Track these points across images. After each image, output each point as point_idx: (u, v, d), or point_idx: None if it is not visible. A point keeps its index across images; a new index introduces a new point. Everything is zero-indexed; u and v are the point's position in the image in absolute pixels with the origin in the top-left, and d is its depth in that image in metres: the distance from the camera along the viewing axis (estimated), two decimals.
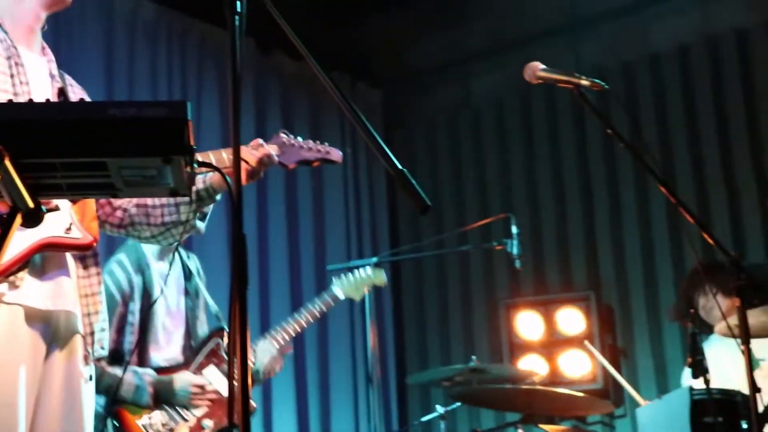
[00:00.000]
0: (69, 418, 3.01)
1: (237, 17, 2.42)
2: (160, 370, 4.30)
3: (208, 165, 2.38)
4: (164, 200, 3.38)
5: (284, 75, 7.96)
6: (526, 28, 8.26)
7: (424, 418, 6.58)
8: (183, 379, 4.28)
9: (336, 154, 3.94)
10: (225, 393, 4.33)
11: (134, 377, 4.18)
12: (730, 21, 7.63)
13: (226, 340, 4.48)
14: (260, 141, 3.54)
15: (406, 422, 7.83)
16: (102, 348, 3.16)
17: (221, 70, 7.22)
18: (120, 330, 4.26)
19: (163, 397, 4.25)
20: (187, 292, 4.54)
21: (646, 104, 7.85)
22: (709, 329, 5.98)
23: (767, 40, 7.48)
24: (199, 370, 4.36)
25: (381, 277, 5.25)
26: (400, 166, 2.34)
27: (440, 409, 6.08)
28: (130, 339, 4.30)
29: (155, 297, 4.37)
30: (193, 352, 4.43)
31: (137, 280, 4.40)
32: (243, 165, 3.47)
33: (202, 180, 3.44)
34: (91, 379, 3.13)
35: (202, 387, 4.29)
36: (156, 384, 4.23)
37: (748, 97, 7.50)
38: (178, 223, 3.36)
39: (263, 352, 4.66)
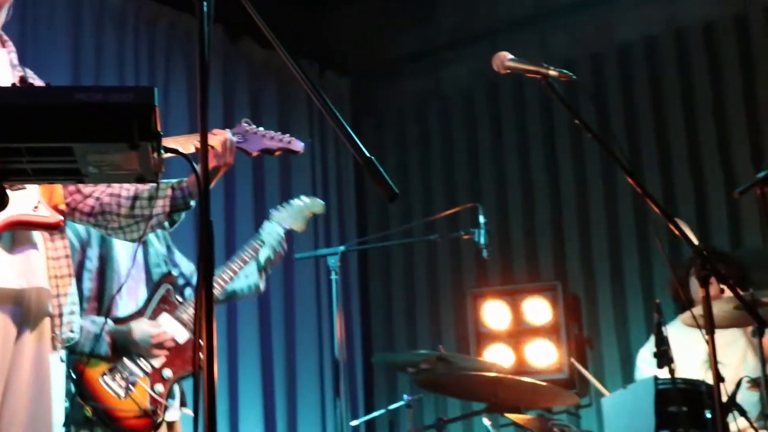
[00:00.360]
0: (38, 401, 3.01)
1: (205, 4, 2.41)
2: (116, 320, 4.27)
3: (175, 151, 2.37)
4: (137, 193, 3.38)
5: (253, 62, 7.94)
6: (495, 19, 8.28)
7: (391, 407, 6.59)
8: (141, 328, 4.24)
9: (297, 145, 3.96)
10: (181, 340, 4.31)
11: (92, 326, 4.14)
12: (697, 13, 7.66)
13: (176, 284, 4.47)
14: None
15: (372, 410, 7.82)
16: (71, 331, 3.15)
17: (190, 58, 7.20)
18: (78, 277, 4.22)
19: (122, 347, 4.22)
20: (145, 246, 4.51)
21: (614, 95, 7.88)
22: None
23: (734, 33, 7.52)
24: (153, 318, 4.33)
25: (318, 204, 5.22)
26: (367, 154, 2.34)
27: (406, 398, 6.09)
28: (89, 285, 4.26)
29: (114, 247, 4.34)
30: (146, 301, 4.39)
31: None
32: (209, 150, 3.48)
33: (177, 184, 3.44)
34: (62, 361, 3.13)
35: (161, 334, 4.26)
36: (114, 333, 4.19)
37: (715, 89, 7.54)
38: (148, 217, 3.36)
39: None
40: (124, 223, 3.38)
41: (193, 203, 3.45)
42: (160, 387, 4.22)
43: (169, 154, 3.20)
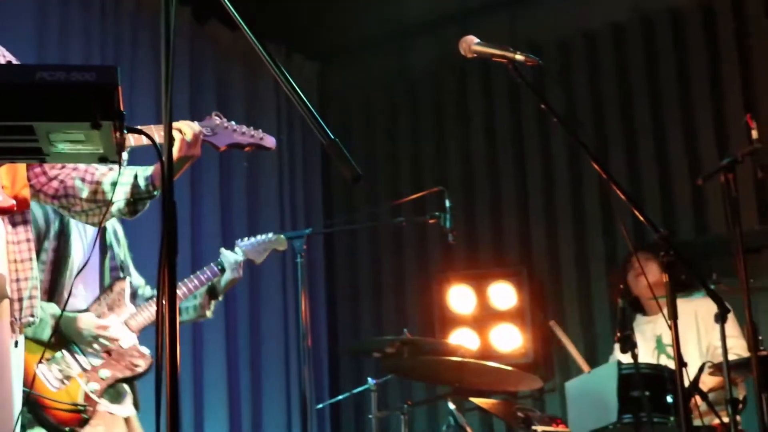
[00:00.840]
0: None
1: None
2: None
3: (139, 131, 2.35)
4: (101, 178, 3.36)
5: (220, 45, 7.89)
6: (463, 3, 8.26)
7: (356, 390, 6.60)
8: (88, 320, 4.22)
9: (269, 141, 3.95)
10: (125, 345, 4.29)
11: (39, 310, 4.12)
12: (664, 0, 7.68)
13: (127, 289, 4.44)
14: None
15: (337, 394, 7.83)
16: (32, 316, 3.13)
17: (156, 39, 7.14)
18: None
19: (65, 335, 4.19)
20: (102, 247, 4.49)
21: (581, 81, 7.90)
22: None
23: (701, 20, 7.54)
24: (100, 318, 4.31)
25: (282, 242, 5.25)
26: (332, 136, 2.34)
27: (371, 381, 6.10)
28: (41, 277, 4.23)
29: (71, 243, 4.31)
30: (95, 300, 4.36)
31: (54, 219, 4.33)
32: (178, 135, 3.45)
33: (142, 173, 3.42)
34: (17, 345, 3.10)
35: (105, 329, 4.24)
36: (60, 319, 4.16)
37: (682, 76, 7.56)
38: (109, 203, 3.33)
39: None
40: (87, 207, 3.36)
41: (157, 193, 3.43)
42: (95, 385, 4.19)
43: (133, 135, 3.19)
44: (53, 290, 4.25)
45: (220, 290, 4.85)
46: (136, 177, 3.38)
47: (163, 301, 2.17)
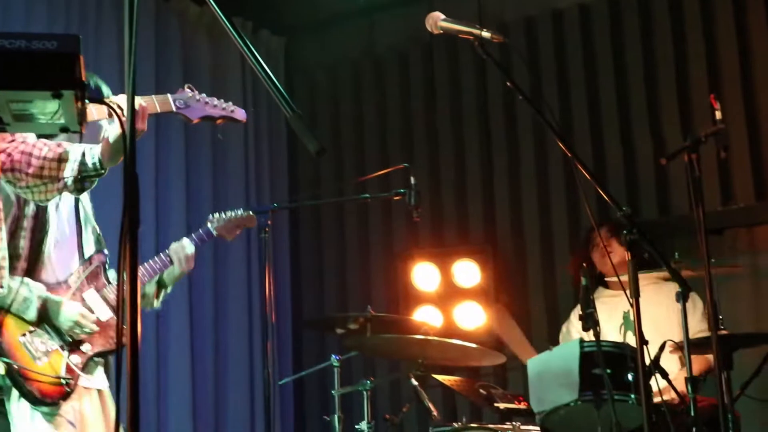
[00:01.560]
0: None
1: None
2: (48, 287, 4.22)
3: (100, 101, 2.34)
4: (48, 154, 3.33)
5: (186, 20, 7.85)
6: None
7: (319, 366, 6.61)
8: (71, 309, 4.20)
9: (240, 114, 3.96)
10: (103, 318, 4.28)
11: (25, 289, 4.10)
12: None
13: (106, 263, 4.42)
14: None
15: (300, 369, 7.83)
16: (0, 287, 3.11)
17: (122, 12, 7.08)
18: (13, 234, 4.16)
19: (48, 316, 4.18)
20: (77, 216, 4.46)
21: (547, 60, 7.91)
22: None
23: (667, 1, 7.57)
24: (79, 293, 4.29)
25: (252, 219, 5.25)
26: (296, 109, 2.34)
27: (335, 358, 6.11)
28: (23, 244, 4.19)
29: (48, 213, 4.28)
30: (75, 273, 4.34)
31: None
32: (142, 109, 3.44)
33: (90, 150, 3.39)
34: None
35: (85, 317, 4.22)
36: (45, 301, 4.15)
37: (647, 56, 7.59)
38: (55, 179, 3.31)
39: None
40: (32, 182, 3.34)
41: (104, 171, 3.40)
42: (77, 358, 4.17)
43: (96, 108, 3.17)
44: (32, 259, 4.22)
45: (169, 282, 4.85)
46: (83, 154, 3.36)
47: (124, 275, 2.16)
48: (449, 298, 7.77)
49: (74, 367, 4.13)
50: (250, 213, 5.23)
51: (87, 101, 2.14)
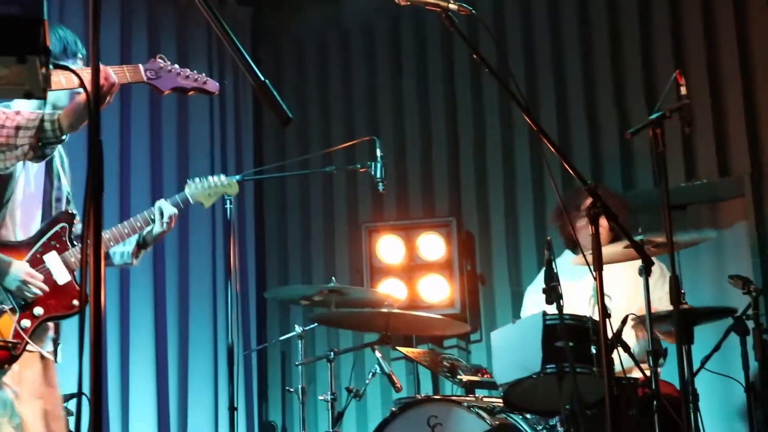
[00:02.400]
0: None
1: None
2: (4, 246, 4.16)
3: (65, 67, 2.32)
4: (6, 122, 3.30)
5: None
6: None
7: (283, 337, 6.62)
8: (18, 269, 4.14)
9: (212, 85, 3.94)
10: (61, 282, 4.22)
11: None
12: None
13: (72, 225, 4.36)
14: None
15: (264, 340, 7.84)
16: None
17: None
18: None
19: None
20: (49, 178, 4.41)
21: (514, 33, 7.91)
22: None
23: None
24: (40, 255, 4.24)
25: (234, 186, 5.17)
26: (262, 77, 2.33)
27: (298, 329, 6.12)
28: None
29: (16, 168, 4.23)
30: (38, 233, 4.29)
31: None
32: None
33: (49, 117, 3.36)
34: None
35: (33, 277, 4.17)
36: None
37: (613, 31, 7.61)
38: (13, 147, 3.28)
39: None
40: None
41: (65, 137, 3.37)
42: (27, 322, 4.13)
43: (64, 76, 3.14)
44: None
45: (150, 241, 4.80)
46: (42, 121, 3.33)
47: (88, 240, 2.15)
48: (414, 270, 7.80)
49: (21, 332, 4.08)
50: (232, 180, 5.15)
51: (51, 67, 2.13)
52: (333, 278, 6.14)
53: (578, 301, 5.91)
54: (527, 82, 7.74)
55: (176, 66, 3.82)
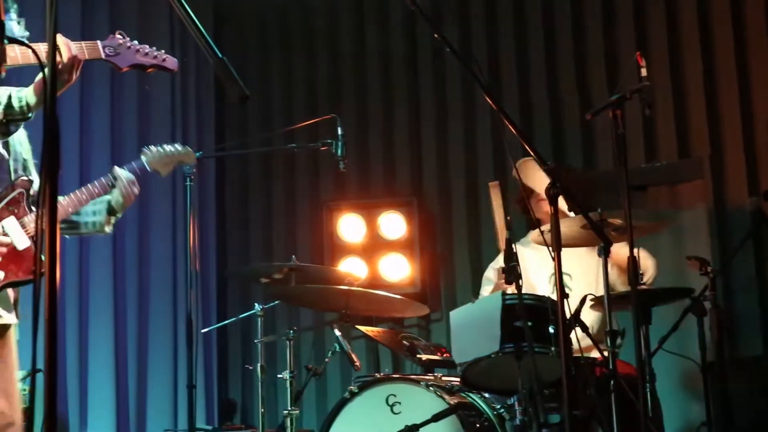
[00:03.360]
0: None
1: None
2: None
3: (20, 42, 2.30)
4: None
5: None
6: None
7: (243, 315, 6.61)
8: None
9: (172, 63, 3.92)
10: (20, 247, 4.19)
11: None
12: None
13: (30, 191, 4.31)
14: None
15: (224, 318, 7.82)
16: None
17: None
18: None
19: None
20: (5, 144, 4.37)
21: (476, 12, 7.91)
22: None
23: None
24: None
25: (191, 156, 5.14)
26: (219, 54, 2.32)
27: (258, 307, 6.11)
28: None
29: None
30: None
31: None
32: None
33: (17, 93, 3.33)
34: None
35: None
36: None
37: (576, 11, 7.63)
38: None
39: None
40: None
41: (31, 115, 3.35)
42: None
43: (22, 51, 3.11)
44: None
45: (118, 208, 4.78)
46: (9, 98, 3.31)
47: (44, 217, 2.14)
48: (375, 249, 7.81)
49: None
50: (188, 149, 5.13)
51: (6, 42, 2.11)
52: (293, 256, 6.14)
53: (541, 284, 5.94)
54: (490, 63, 7.75)
55: (135, 42, 3.80)
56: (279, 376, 5.84)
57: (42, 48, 3.22)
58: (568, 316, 4.35)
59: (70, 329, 6.92)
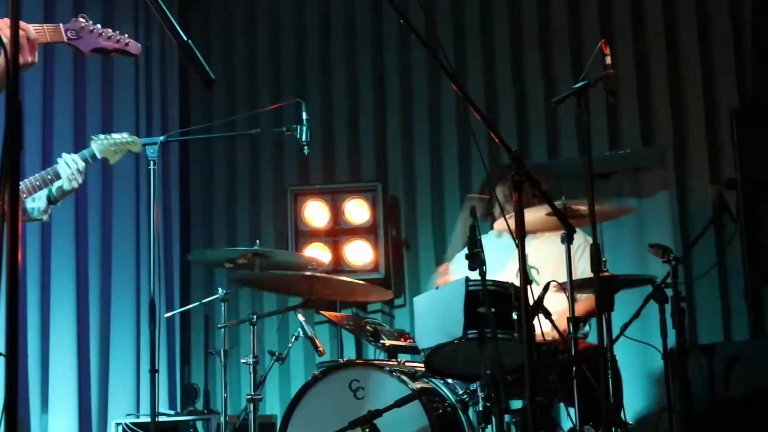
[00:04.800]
0: None
1: None
2: None
3: None
4: None
5: None
6: None
7: (206, 300, 6.59)
8: None
9: (134, 47, 3.90)
10: None
11: None
12: None
13: None
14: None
15: (188, 303, 7.80)
16: None
17: None
18: None
19: None
20: None
21: (443, 1, 7.91)
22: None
23: None
24: None
25: (138, 144, 5.18)
26: (184, 37, 2.32)
27: (221, 291, 6.10)
28: None
29: None
30: None
31: None
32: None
33: None
34: None
35: None
36: None
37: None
38: None
39: None
40: None
41: None
42: None
43: None
44: None
45: (59, 196, 4.77)
46: None
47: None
48: (339, 235, 7.81)
49: None
50: (136, 138, 5.16)
51: None
52: (257, 241, 6.13)
53: (508, 274, 5.96)
54: (455, 50, 7.75)
55: (98, 26, 3.78)
56: (242, 361, 5.83)
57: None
58: (531, 302, 4.36)
59: (32, 313, 6.87)
